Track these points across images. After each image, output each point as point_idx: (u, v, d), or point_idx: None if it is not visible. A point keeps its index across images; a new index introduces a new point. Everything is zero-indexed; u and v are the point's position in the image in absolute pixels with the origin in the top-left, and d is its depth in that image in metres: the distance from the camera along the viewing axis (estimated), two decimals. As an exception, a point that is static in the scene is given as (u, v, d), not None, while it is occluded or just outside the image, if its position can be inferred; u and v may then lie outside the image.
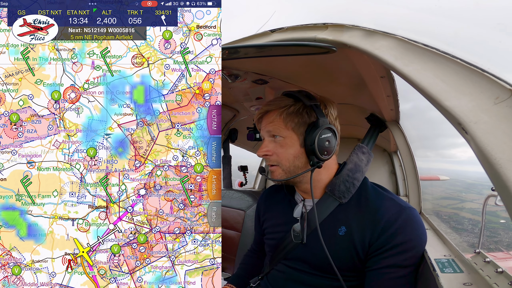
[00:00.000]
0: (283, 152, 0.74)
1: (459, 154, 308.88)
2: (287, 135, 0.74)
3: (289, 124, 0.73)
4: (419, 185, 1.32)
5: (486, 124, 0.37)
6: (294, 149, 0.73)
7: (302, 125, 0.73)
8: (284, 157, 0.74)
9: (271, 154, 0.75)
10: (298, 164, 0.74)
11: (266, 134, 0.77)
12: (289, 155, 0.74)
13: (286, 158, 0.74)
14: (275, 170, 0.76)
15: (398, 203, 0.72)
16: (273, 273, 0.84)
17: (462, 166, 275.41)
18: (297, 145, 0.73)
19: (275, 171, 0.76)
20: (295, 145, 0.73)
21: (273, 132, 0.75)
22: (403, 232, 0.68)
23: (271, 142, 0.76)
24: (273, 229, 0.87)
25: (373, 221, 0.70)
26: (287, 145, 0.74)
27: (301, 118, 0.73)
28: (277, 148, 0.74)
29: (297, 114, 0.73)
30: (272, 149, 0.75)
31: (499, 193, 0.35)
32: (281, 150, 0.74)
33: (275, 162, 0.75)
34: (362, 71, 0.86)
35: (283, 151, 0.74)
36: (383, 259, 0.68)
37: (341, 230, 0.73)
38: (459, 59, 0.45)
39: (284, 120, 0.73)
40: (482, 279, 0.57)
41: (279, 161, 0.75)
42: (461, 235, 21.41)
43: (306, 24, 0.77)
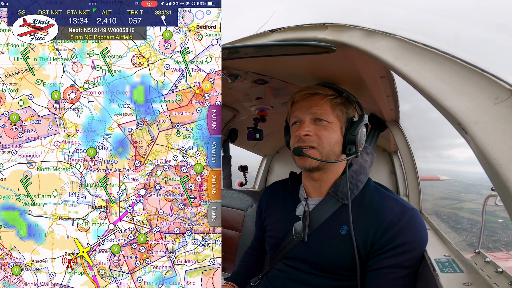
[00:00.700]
0: (326, 135, 0.76)
1: (458, 155, 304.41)
2: (333, 121, 0.77)
3: (336, 112, 0.78)
4: (419, 185, 1.32)
5: (486, 124, 0.37)
6: (336, 135, 0.77)
7: (345, 116, 0.78)
8: (326, 140, 0.76)
9: (312, 135, 0.76)
10: (335, 150, 0.77)
11: (309, 115, 0.78)
12: (331, 139, 0.76)
13: (327, 141, 0.76)
14: (313, 152, 0.76)
15: (402, 204, 0.73)
16: (273, 272, 0.84)
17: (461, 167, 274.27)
18: (339, 133, 0.77)
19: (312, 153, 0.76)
20: (337, 131, 0.77)
21: (319, 115, 0.77)
22: (406, 232, 0.68)
23: (311, 124, 0.78)
24: (274, 226, 0.87)
25: (376, 221, 0.71)
26: (332, 130, 0.77)
27: (347, 110, 0.79)
28: (320, 131, 0.77)
29: (344, 105, 0.79)
30: (314, 130, 0.77)
31: (499, 193, 0.35)
32: (325, 133, 0.76)
33: (314, 143, 0.76)
34: (362, 71, 0.86)
35: (326, 134, 0.76)
36: (384, 259, 0.68)
37: (343, 229, 0.73)
38: (459, 59, 0.45)
39: (332, 107, 0.78)
40: (482, 279, 0.57)
41: (320, 142, 0.76)
42: (460, 234, 21.73)
43: (306, 24, 0.77)
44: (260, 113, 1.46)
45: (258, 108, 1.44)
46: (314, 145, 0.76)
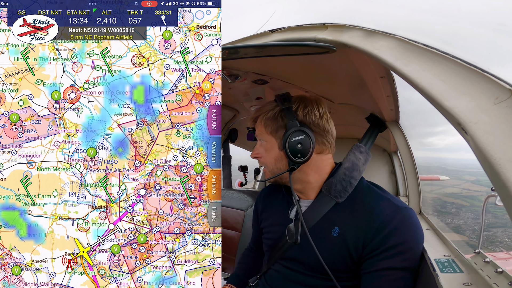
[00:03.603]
0: (266, 155, 0.78)
1: (437, 142, 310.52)
2: (267, 139, 0.78)
3: (268, 129, 0.77)
4: (419, 185, 1.32)
5: (486, 124, 0.37)
6: (274, 152, 0.77)
7: (280, 129, 0.75)
8: (267, 159, 0.78)
9: (260, 156, 0.80)
10: (280, 167, 0.77)
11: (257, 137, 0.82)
12: (271, 157, 0.78)
13: (269, 161, 0.78)
14: (265, 170, 0.81)
15: (394, 203, 0.71)
16: (270, 273, 0.84)
17: (440, 153, 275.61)
18: (276, 148, 0.77)
19: (265, 171, 0.82)
20: (274, 148, 0.77)
21: (258, 136, 0.80)
22: (398, 233, 0.66)
23: (260, 145, 0.80)
24: (270, 228, 0.87)
25: (367, 222, 0.69)
26: (269, 149, 0.78)
27: (277, 122, 0.76)
28: (263, 151, 0.79)
29: (274, 119, 0.76)
30: (260, 152, 0.80)
31: (498, 193, 0.35)
32: (265, 154, 0.79)
33: (262, 164, 0.80)
34: (362, 71, 0.86)
35: (267, 154, 0.78)
36: (378, 261, 0.67)
37: (334, 231, 0.72)
38: (459, 59, 0.45)
39: (264, 125, 0.77)
40: (482, 279, 0.57)
41: (265, 163, 0.79)
42: (446, 217, 22.43)
43: (306, 24, 0.77)
44: (260, 113, 1.46)
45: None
46: (264, 165, 0.80)
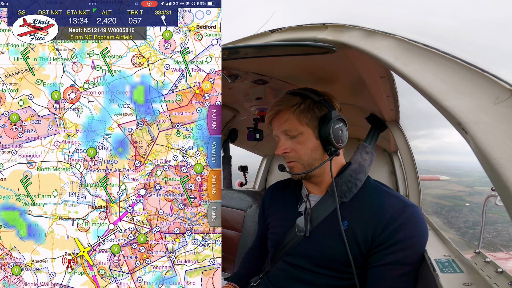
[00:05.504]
0: (301, 148, 0.77)
1: (420, 145, 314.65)
2: (303, 131, 0.77)
3: (303, 120, 0.77)
4: (419, 185, 1.32)
5: (486, 124, 0.37)
6: (311, 143, 0.77)
7: (315, 120, 0.77)
8: (303, 152, 0.77)
9: (290, 151, 0.78)
10: (315, 156, 0.77)
11: (281, 133, 0.80)
12: (307, 149, 0.77)
13: (304, 153, 0.77)
14: (294, 165, 0.79)
15: (402, 200, 0.74)
16: (273, 272, 0.84)
17: (423, 156, 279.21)
18: (313, 139, 0.77)
19: (294, 166, 0.79)
20: (311, 138, 0.77)
21: (288, 131, 0.78)
22: (406, 228, 0.69)
23: (287, 140, 0.79)
24: (277, 223, 0.88)
25: (377, 216, 0.71)
26: (304, 140, 0.77)
27: (313, 113, 0.77)
28: (295, 145, 0.78)
29: (309, 110, 0.77)
30: (290, 146, 0.78)
31: (499, 193, 0.35)
32: (299, 146, 0.77)
33: (294, 158, 0.78)
34: (362, 71, 0.86)
35: (301, 146, 0.77)
36: (385, 255, 0.69)
37: (343, 224, 0.74)
38: (459, 59, 0.45)
39: (297, 117, 0.77)
40: (482, 279, 0.57)
41: (298, 156, 0.78)
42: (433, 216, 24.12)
43: (306, 24, 0.77)
44: (260, 113, 1.47)
45: (258, 108, 1.44)
46: (294, 160, 0.78)
